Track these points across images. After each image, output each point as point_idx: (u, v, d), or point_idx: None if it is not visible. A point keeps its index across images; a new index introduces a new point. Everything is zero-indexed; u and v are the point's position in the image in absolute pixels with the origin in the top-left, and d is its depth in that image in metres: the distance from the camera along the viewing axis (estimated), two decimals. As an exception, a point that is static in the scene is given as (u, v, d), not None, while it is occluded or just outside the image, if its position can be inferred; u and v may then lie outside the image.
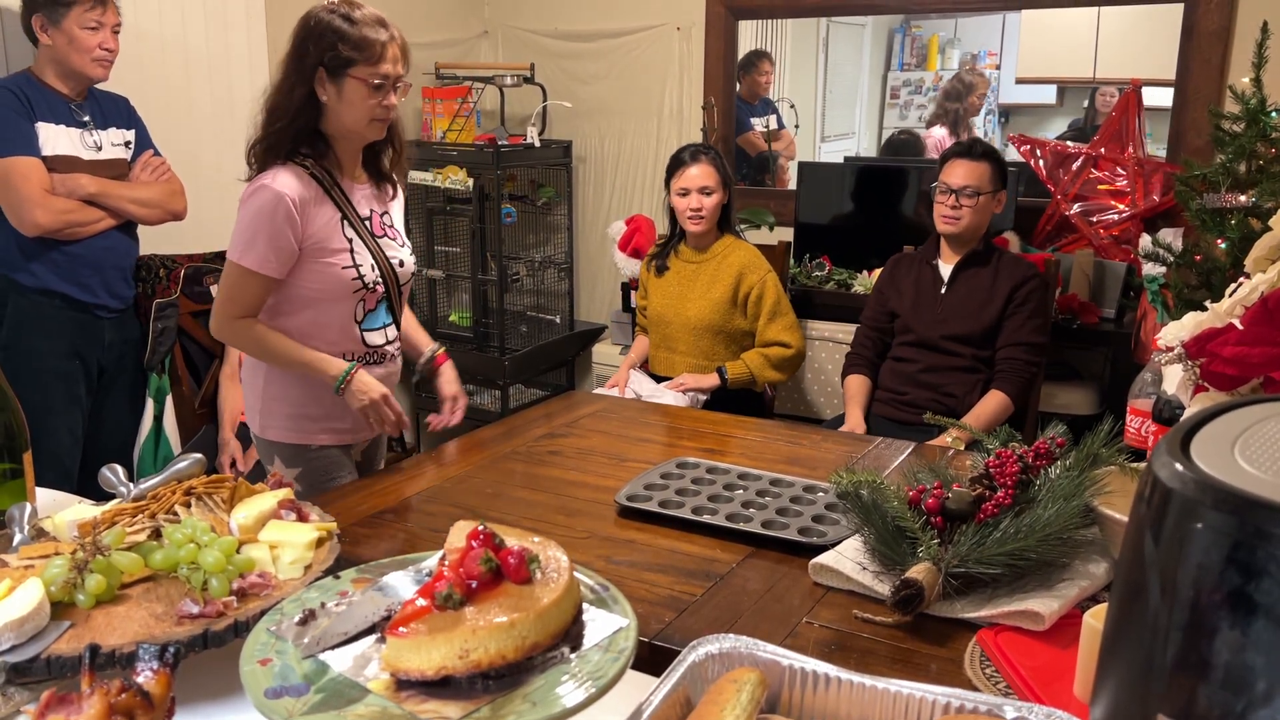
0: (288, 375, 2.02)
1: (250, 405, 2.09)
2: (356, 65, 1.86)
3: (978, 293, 2.79)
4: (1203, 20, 3.26)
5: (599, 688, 0.84)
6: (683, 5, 4.08)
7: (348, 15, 1.87)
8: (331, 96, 1.89)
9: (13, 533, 1.23)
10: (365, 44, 1.86)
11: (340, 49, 1.85)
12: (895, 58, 4.78)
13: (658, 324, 3.13)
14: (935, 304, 2.83)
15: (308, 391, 2.02)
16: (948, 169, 2.80)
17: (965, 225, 2.77)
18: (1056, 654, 1.22)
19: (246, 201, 1.91)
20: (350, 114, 1.91)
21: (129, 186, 2.75)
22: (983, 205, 2.77)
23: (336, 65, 1.86)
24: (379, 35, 1.87)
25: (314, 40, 1.86)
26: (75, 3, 2.55)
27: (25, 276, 2.63)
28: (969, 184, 2.75)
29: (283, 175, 1.90)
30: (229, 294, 1.94)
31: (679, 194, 3.01)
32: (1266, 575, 0.52)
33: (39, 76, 2.63)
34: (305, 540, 1.14)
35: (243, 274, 1.91)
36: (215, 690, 1.02)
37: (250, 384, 2.08)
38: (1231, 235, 2.73)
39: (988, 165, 2.77)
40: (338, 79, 1.87)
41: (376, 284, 2.02)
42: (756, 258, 3.04)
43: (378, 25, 1.89)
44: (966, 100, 4.32)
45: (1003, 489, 1.41)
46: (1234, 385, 1.40)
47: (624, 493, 1.77)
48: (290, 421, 2.04)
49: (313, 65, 1.86)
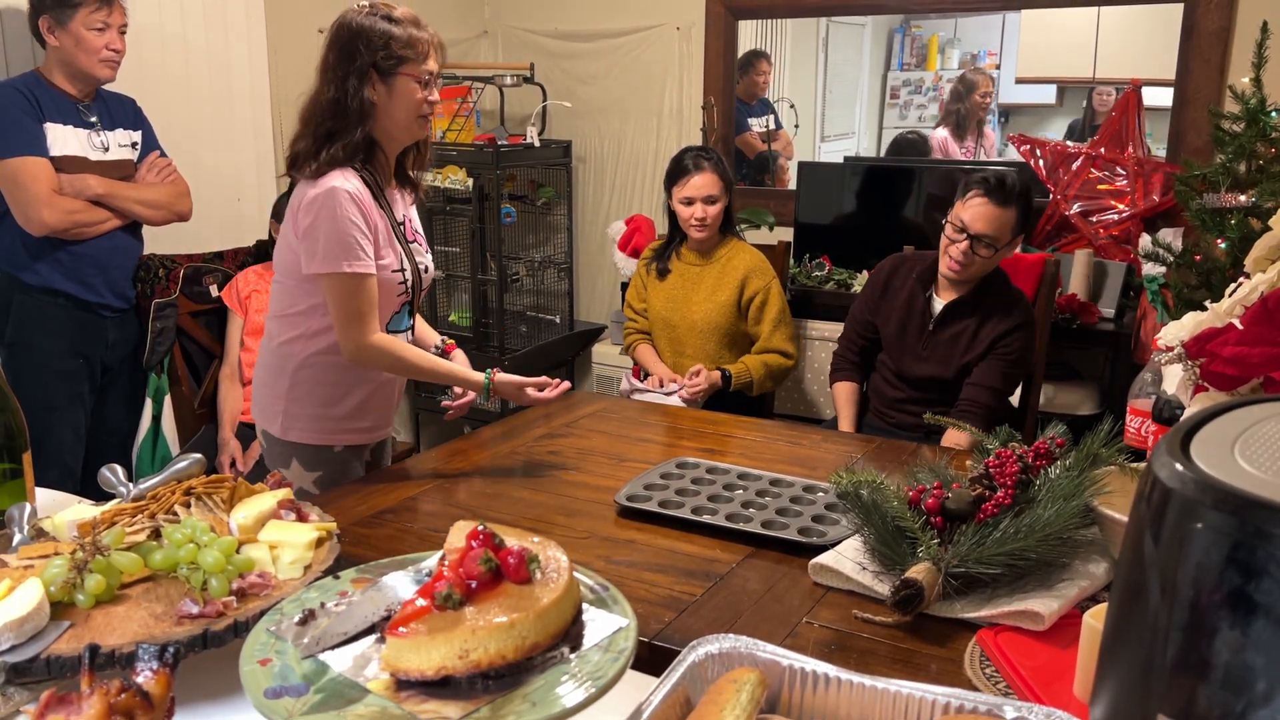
0: (317, 378, 2.00)
1: (269, 408, 2.05)
2: (408, 63, 1.90)
3: (962, 338, 2.56)
4: (1203, 20, 3.26)
5: (599, 688, 0.84)
6: (682, 5, 4.08)
7: (389, 16, 1.90)
8: (382, 96, 1.90)
9: (12, 533, 1.22)
10: (414, 42, 1.90)
11: (393, 48, 1.88)
12: (895, 58, 4.78)
13: (663, 327, 3.09)
14: (920, 341, 2.62)
15: (335, 393, 2.03)
16: (969, 207, 2.45)
17: (972, 274, 2.51)
18: (1056, 654, 1.22)
19: (321, 209, 1.86)
20: (402, 112, 1.92)
21: (136, 188, 2.76)
22: (997, 258, 2.49)
23: (389, 65, 1.89)
24: (423, 33, 1.92)
25: (363, 43, 1.87)
26: (82, 4, 2.56)
27: (30, 275, 2.65)
28: (988, 233, 2.42)
29: (346, 178, 1.89)
30: (353, 310, 1.89)
31: (683, 203, 2.96)
32: (1266, 575, 0.52)
33: (47, 77, 2.64)
34: (305, 540, 1.14)
35: (357, 281, 1.88)
36: (215, 690, 1.02)
37: (269, 386, 2.05)
38: (1231, 235, 2.73)
39: (1014, 212, 2.44)
40: (389, 79, 1.89)
41: (409, 289, 2.04)
42: (761, 262, 3.01)
43: (420, 24, 1.93)
44: (969, 100, 4.31)
45: (1003, 489, 1.41)
46: (1234, 385, 1.40)
47: (624, 493, 1.77)
48: (315, 423, 2.03)
49: (364, 67, 1.87)
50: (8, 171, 2.54)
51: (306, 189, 1.89)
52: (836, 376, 2.84)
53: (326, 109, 1.89)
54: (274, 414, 2.04)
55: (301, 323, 1.98)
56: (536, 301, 4.40)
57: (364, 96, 1.88)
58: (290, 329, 2.00)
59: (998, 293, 2.58)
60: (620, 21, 4.21)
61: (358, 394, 2.05)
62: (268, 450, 2.10)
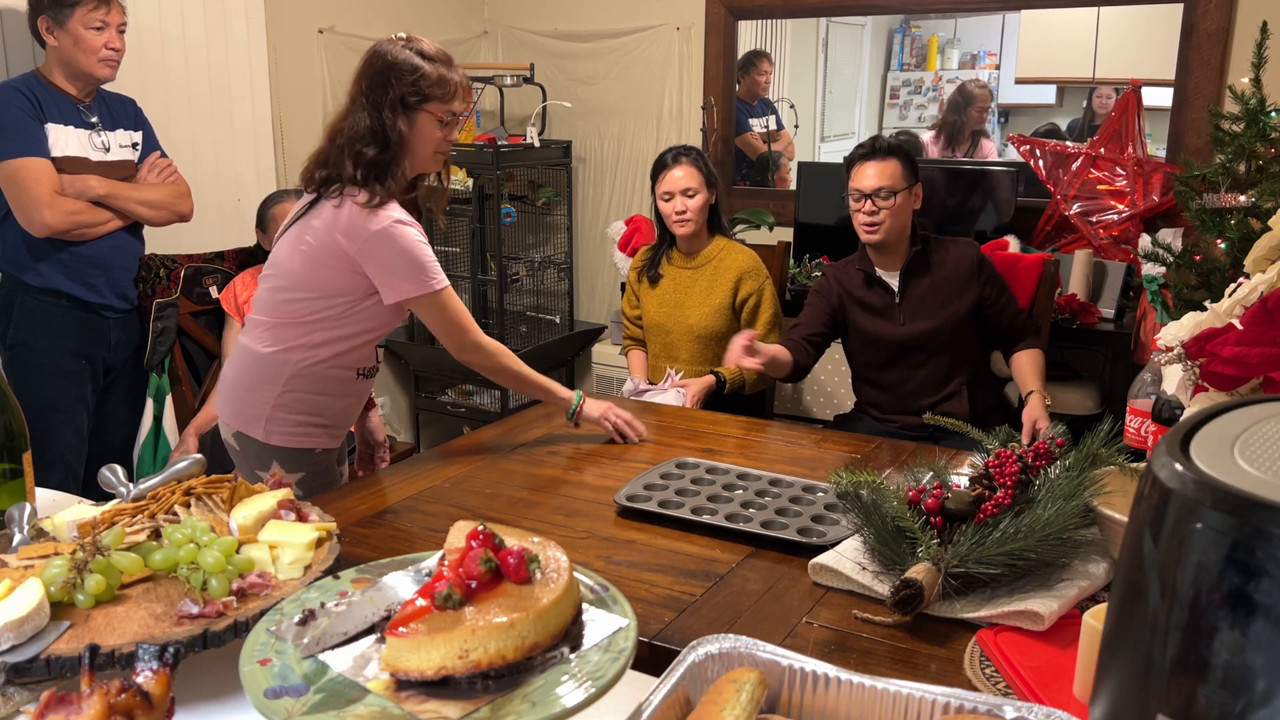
0: (310, 386, 2.02)
1: (251, 412, 2.04)
2: (432, 101, 1.93)
3: (935, 293, 2.64)
4: (1202, 20, 3.26)
5: (599, 688, 0.84)
6: (682, 5, 4.08)
7: (422, 51, 1.94)
8: (405, 129, 1.94)
9: (12, 533, 1.23)
10: (443, 82, 1.94)
11: (421, 85, 1.92)
12: (895, 58, 4.78)
13: (657, 333, 3.08)
14: (895, 316, 2.66)
15: (325, 401, 2.05)
16: (856, 174, 2.65)
17: (888, 229, 2.60)
18: (1056, 654, 1.22)
19: (395, 240, 1.91)
20: (421, 147, 1.97)
21: (137, 188, 2.76)
22: (900, 205, 2.60)
23: (414, 101, 1.93)
24: (454, 75, 1.96)
25: (394, 75, 1.91)
26: (80, 3, 2.56)
27: (32, 276, 2.65)
28: (882, 184, 2.58)
29: (400, 210, 1.95)
30: (453, 321, 2.01)
31: (663, 198, 2.97)
32: (1266, 575, 0.52)
33: (47, 78, 2.64)
34: (305, 540, 1.14)
35: (446, 295, 1.98)
36: (215, 690, 1.02)
37: (254, 391, 2.04)
38: (1231, 235, 2.73)
39: (896, 161, 2.61)
40: (411, 113, 1.93)
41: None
42: (754, 263, 3.00)
43: (451, 64, 1.97)
44: (966, 112, 4.29)
45: (1002, 489, 1.41)
46: (1234, 385, 1.40)
47: (623, 493, 1.77)
48: (299, 428, 2.05)
49: (394, 101, 1.91)
50: (9, 173, 2.54)
51: (363, 218, 1.90)
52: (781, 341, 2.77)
53: (366, 137, 1.92)
54: (256, 419, 2.04)
55: (307, 333, 1.99)
56: (536, 302, 4.40)
57: (399, 129, 1.92)
58: (292, 338, 2.00)
59: (935, 243, 2.70)
60: (620, 22, 4.21)
61: (344, 401, 2.09)
62: (243, 452, 2.08)
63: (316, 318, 1.98)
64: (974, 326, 2.66)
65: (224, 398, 2.11)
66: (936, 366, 2.65)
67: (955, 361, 2.65)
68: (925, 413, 2.00)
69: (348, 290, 1.96)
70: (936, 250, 2.68)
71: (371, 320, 2.01)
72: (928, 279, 2.65)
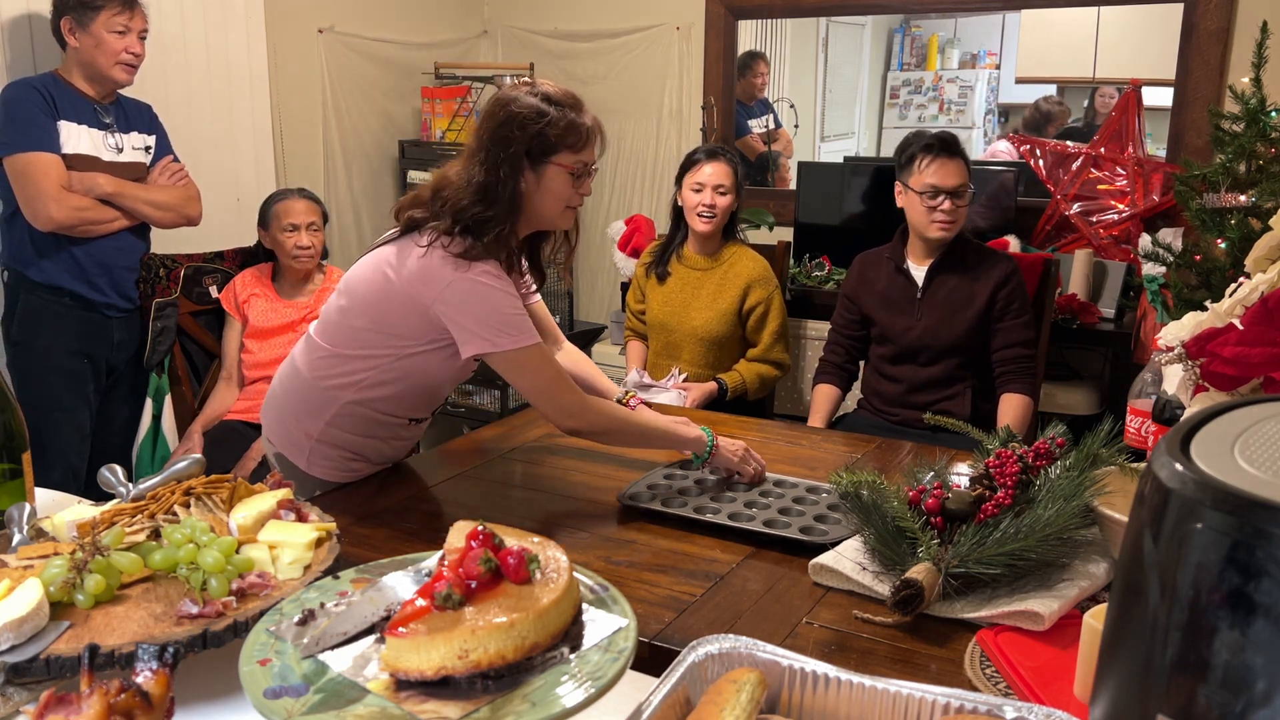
0: (353, 427, 1.89)
1: (294, 441, 1.93)
2: (561, 151, 1.75)
3: (956, 294, 2.65)
4: (1202, 20, 3.26)
5: (599, 688, 0.84)
6: (682, 5, 4.08)
7: (546, 95, 1.76)
8: (530, 184, 1.76)
9: (12, 533, 1.22)
10: (573, 129, 1.75)
11: (548, 134, 1.73)
12: (895, 58, 4.78)
13: (659, 331, 3.07)
14: (912, 311, 2.67)
15: (366, 442, 1.92)
16: (931, 170, 2.61)
17: (957, 228, 2.63)
18: (1056, 654, 1.22)
19: (475, 285, 1.71)
20: (548, 203, 1.79)
21: (145, 188, 2.77)
22: (967, 204, 2.64)
23: (541, 151, 1.74)
24: (585, 119, 1.78)
25: (517, 125, 1.72)
26: (104, 6, 2.58)
27: (35, 272, 2.66)
28: (959, 184, 2.59)
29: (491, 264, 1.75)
30: (552, 382, 1.78)
31: (693, 189, 2.94)
32: (1266, 575, 0.52)
33: (65, 78, 2.67)
34: (304, 540, 1.14)
35: (531, 353, 1.75)
36: (215, 690, 1.02)
37: (300, 420, 1.92)
38: (1231, 235, 2.73)
39: (964, 161, 2.64)
40: (539, 167, 1.75)
41: None
42: (765, 271, 2.99)
43: (580, 108, 1.79)
44: (1045, 130, 4.20)
45: (1003, 489, 1.41)
46: (1234, 385, 1.40)
47: (625, 492, 1.77)
48: (341, 463, 1.94)
49: (517, 155, 1.73)
50: (18, 166, 2.55)
51: (444, 267, 1.71)
52: (820, 379, 2.84)
53: (475, 193, 1.73)
54: (299, 449, 1.93)
55: (362, 370, 1.83)
56: (536, 301, 4.40)
57: (516, 186, 1.74)
58: (347, 374, 1.84)
59: (975, 249, 2.70)
60: (620, 21, 4.20)
61: (391, 445, 1.97)
62: (285, 473, 1.95)
63: (377, 354, 1.82)
64: (987, 337, 2.67)
65: (269, 415, 2.00)
66: (944, 367, 2.65)
67: (963, 365, 2.66)
68: (926, 411, 2.01)
69: (415, 335, 1.78)
70: (972, 254, 2.68)
71: (434, 373, 1.84)
72: (954, 279, 2.66)
